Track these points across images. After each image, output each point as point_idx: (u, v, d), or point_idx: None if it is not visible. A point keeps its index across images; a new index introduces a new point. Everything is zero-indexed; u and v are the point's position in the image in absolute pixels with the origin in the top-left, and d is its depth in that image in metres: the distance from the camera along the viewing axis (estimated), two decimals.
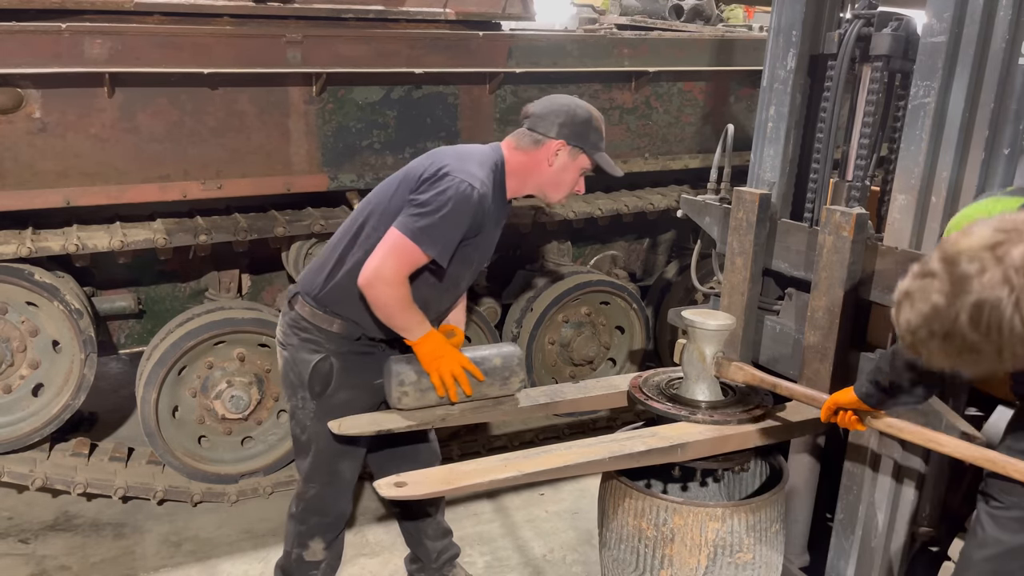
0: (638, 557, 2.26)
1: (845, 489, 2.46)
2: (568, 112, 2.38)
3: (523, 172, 2.41)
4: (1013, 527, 1.87)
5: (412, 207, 2.24)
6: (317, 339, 2.40)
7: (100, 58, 3.00)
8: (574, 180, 2.45)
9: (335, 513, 2.58)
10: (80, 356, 3.27)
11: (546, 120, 2.37)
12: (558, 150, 2.37)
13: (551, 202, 2.52)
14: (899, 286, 1.53)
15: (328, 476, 2.51)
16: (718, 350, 2.39)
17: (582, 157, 2.41)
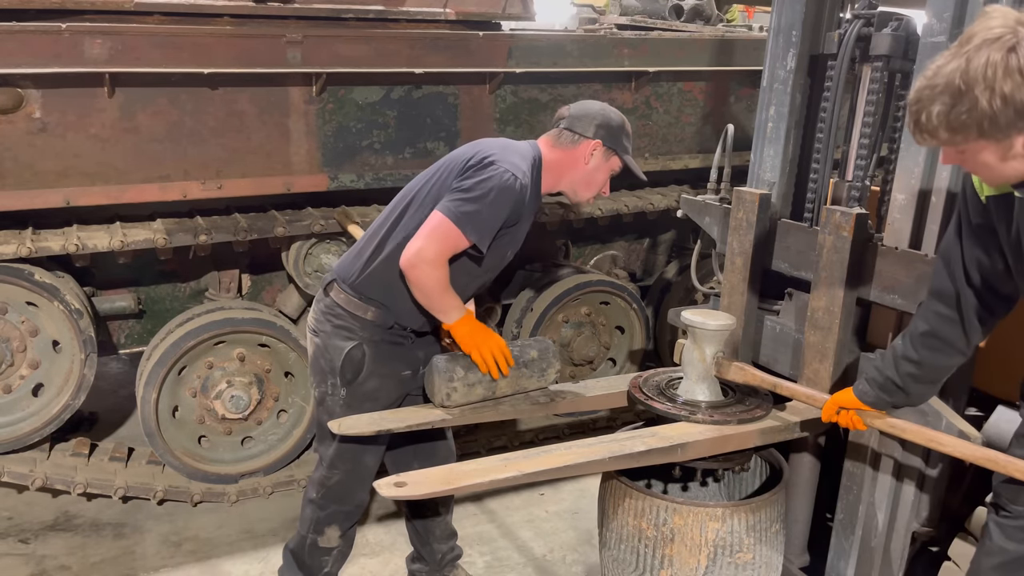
0: (638, 557, 2.26)
1: (845, 489, 2.46)
2: (604, 115, 2.49)
3: (559, 169, 2.50)
4: (1019, 536, 1.87)
5: (457, 192, 2.30)
6: (351, 326, 2.44)
7: (100, 58, 3.00)
8: (604, 180, 2.55)
9: (355, 502, 2.61)
10: (80, 356, 3.27)
11: (583, 121, 2.47)
12: (594, 150, 2.47)
13: (579, 200, 2.60)
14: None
15: (352, 464, 2.54)
16: (718, 350, 2.39)
17: (614, 159, 2.51)
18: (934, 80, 1.48)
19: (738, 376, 2.38)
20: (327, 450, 2.55)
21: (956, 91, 1.45)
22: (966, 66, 1.43)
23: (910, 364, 1.97)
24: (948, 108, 1.46)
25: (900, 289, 2.24)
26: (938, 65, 1.49)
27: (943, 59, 1.49)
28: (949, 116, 1.47)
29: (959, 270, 1.84)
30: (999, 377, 2.33)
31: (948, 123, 1.48)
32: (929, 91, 1.49)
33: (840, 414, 2.12)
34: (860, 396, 2.08)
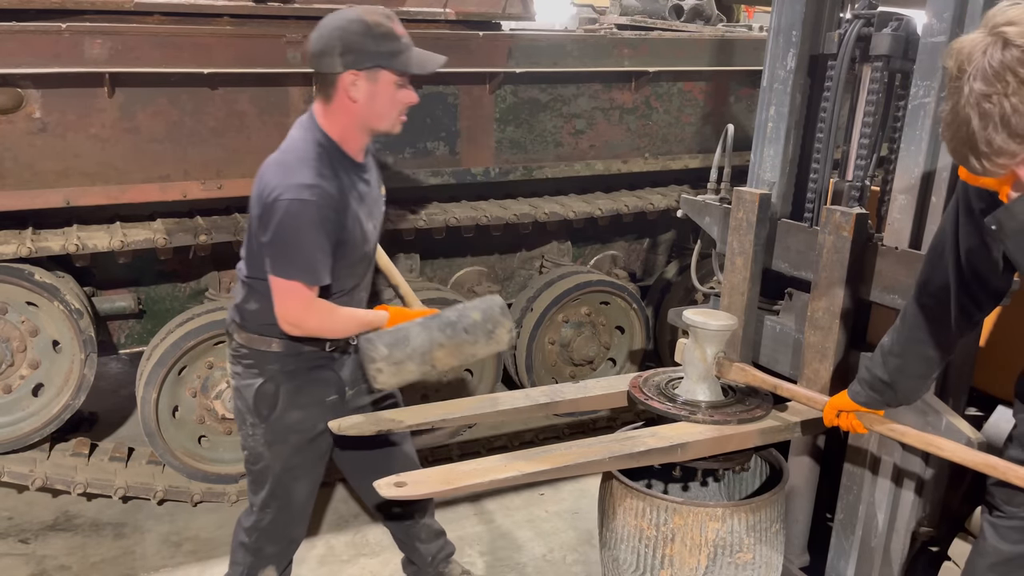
0: (638, 557, 2.26)
1: (845, 489, 2.46)
2: (342, 36, 2.08)
3: (344, 125, 2.16)
4: (1013, 537, 1.87)
5: (267, 249, 2.13)
6: (259, 362, 2.30)
7: (100, 58, 3.00)
8: (392, 100, 2.15)
9: (289, 539, 2.49)
10: (80, 356, 3.27)
11: (326, 56, 2.10)
12: (353, 81, 2.09)
13: (384, 131, 2.21)
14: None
15: (284, 501, 2.41)
16: (719, 350, 2.39)
17: (383, 74, 2.10)
18: (958, 120, 1.46)
19: (739, 376, 2.38)
20: (258, 493, 2.40)
21: (989, 111, 1.42)
22: (980, 87, 1.41)
23: (896, 358, 1.97)
24: (1002, 125, 1.42)
25: (900, 289, 2.24)
26: (949, 110, 1.48)
27: (947, 102, 1.48)
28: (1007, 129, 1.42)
29: (951, 260, 1.83)
30: (999, 377, 2.33)
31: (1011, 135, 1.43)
32: (965, 129, 1.46)
33: (840, 417, 2.12)
34: (853, 397, 2.09)
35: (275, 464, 2.37)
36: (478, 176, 3.83)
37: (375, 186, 2.33)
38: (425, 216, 3.67)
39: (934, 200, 2.23)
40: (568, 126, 3.97)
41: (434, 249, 3.97)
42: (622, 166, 4.16)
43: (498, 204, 3.93)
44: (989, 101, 1.42)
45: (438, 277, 4.08)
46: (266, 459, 2.37)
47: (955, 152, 1.53)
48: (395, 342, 2.15)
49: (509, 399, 2.52)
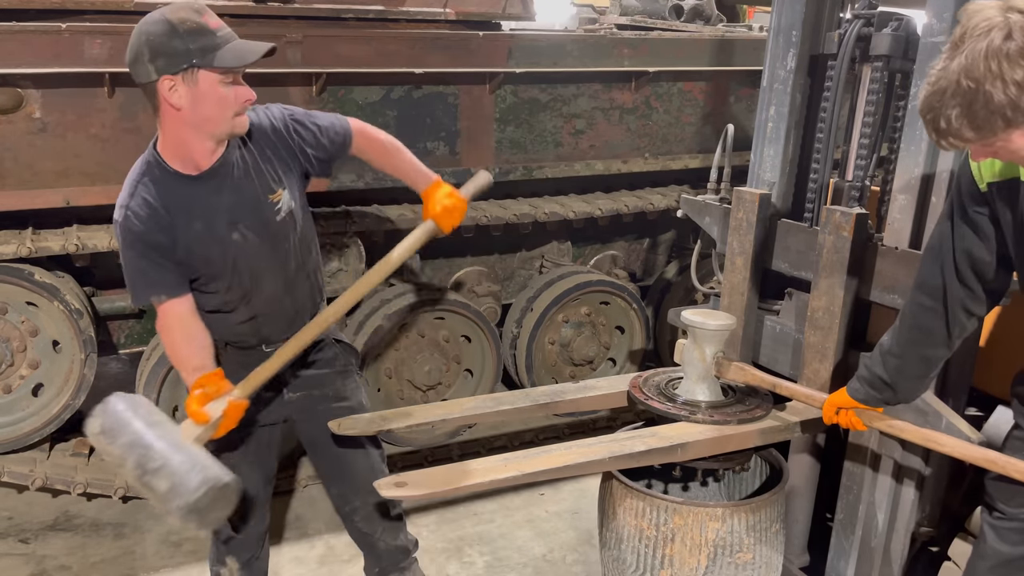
0: (638, 557, 2.26)
1: (845, 489, 2.46)
2: (148, 40, 1.90)
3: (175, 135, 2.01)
4: (1013, 539, 1.87)
5: None
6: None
7: (100, 58, 3.00)
8: (221, 100, 1.96)
9: (243, 529, 2.43)
10: (80, 356, 3.27)
11: (137, 64, 1.93)
12: (171, 87, 1.92)
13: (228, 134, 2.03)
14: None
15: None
16: (718, 350, 2.39)
17: (201, 73, 1.92)
18: (939, 84, 1.47)
19: (738, 376, 2.38)
20: None
21: (966, 91, 1.43)
22: (968, 63, 1.42)
23: (894, 358, 1.97)
24: (964, 109, 1.45)
25: (900, 289, 2.24)
26: (939, 69, 1.48)
27: (941, 62, 1.48)
28: (968, 116, 1.45)
29: (948, 262, 1.83)
30: (999, 377, 2.33)
31: (970, 122, 1.46)
32: (938, 97, 1.47)
33: (839, 414, 2.12)
34: (852, 394, 2.09)
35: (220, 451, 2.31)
36: None
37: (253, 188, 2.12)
38: None
39: (934, 200, 2.23)
40: (568, 126, 3.97)
41: (434, 249, 3.97)
42: (622, 166, 4.16)
43: (498, 204, 3.93)
44: (968, 79, 1.43)
45: (438, 277, 4.08)
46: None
47: (920, 109, 1.54)
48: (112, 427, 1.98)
49: (509, 399, 2.52)
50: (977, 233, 1.78)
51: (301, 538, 3.33)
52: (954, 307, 1.85)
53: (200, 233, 2.09)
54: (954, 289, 1.83)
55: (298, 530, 3.40)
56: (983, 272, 1.80)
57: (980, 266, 1.80)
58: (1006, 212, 1.72)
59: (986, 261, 1.79)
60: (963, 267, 1.81)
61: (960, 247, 1.81)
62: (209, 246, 2.10)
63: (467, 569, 3.16)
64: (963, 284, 1.83)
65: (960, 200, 1.80)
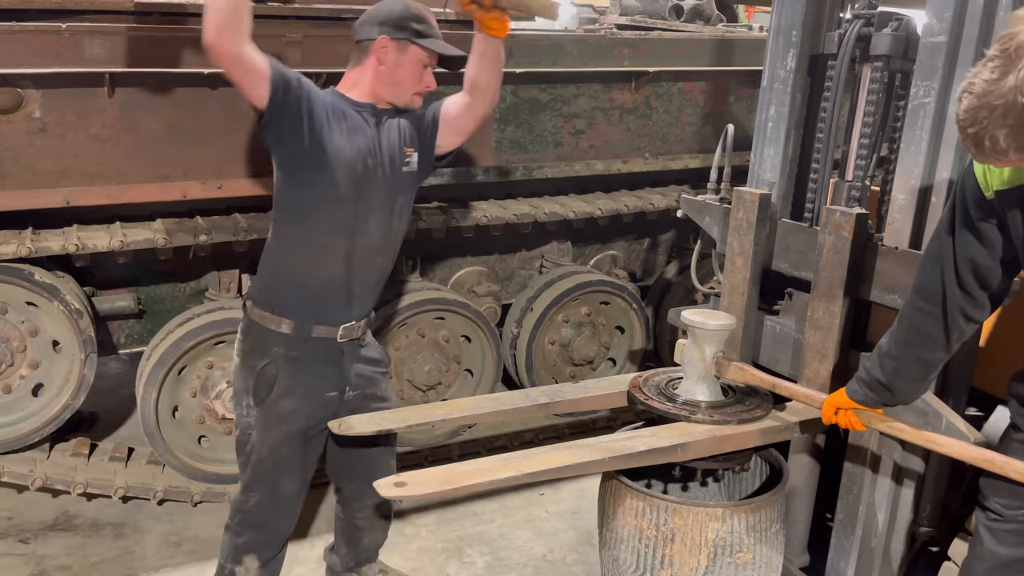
0: (638, 557, 2.26)
1: (845, 489, 2.46)
2: (382, 10, 2.36)
3: (362, 82, 2.37)
4: (1010, 540, 1.87)
5: None
6: (265, 342, 2.34)
7: (100, 58, 3.00)
8: (414, 75, 2.38)
9: (273, 529, 2.48)
10: (80, 356, 3.27)
11: (365, 26, 2.36)
12: (384, 46, 2.33)
13: (401, 103, 2.42)
14: (960, 85, 1.49)
15: (269, 487, 2.42)
16: (718, 350, 2.39)
17: (412, 48, 2.35)
18: (989, 100, 1.40)
19: (738, 376, 2.38)
20: (244, 473, 2.43)
21: (1021, 110, 1.38)
22: (1022, 82, 1.37)
23: (892, 361, 1.97)
24: (1015, 129, 1.40)
25: (900, 289, 2.24)
26: (987, 80, 1.41)
27: (991, 72, 1.41)
28: (1017, 136, 1.40)
29: (949, 267, 1.82)
30: (999, 377, 2.33)
31: (1018, 143, 1.41)
32: (987, 112, 1.41)
33: (839, 414, 2.12)
34: (851, 395, 2.09)
35: (262, 448, 2.38)
36: (478, 176, 3.83)
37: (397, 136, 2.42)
38: (425, 216, 3.66)
39: (934, 200, 2.23)
40: (568, 126, 3.97)
41: (434, 249, 3.97)
42: (622, 166, 4.16)
43: (498, 204, 3.93)
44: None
45: (438, 277, 4.08)
46: (254, 441, 2.38)
47: (961, 120, 1.47)
48: None
49: (509, 399, 2.52)
50: (981, 240, 1.76)
51: (301, 538, 3.33)
52: (953, 312, 1.84)
53: (343, 138, 2.30)
54: (954, 294, 1.83)
55: (298, 530, 3.38)
56: (986, 278, 1.80)
57: (983, 272, 1.79)
58: (1016, 219, 1.70)
59: (989, 267, 1.78)
60: (964, 273, 1.80)
61: (963, 254, 1.79)
62: (343, 150, 2.29)
63: (467, 569, 3.16)
64: (963, 290, 1.82)
65: (964, 207, 1.78)
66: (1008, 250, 1.75)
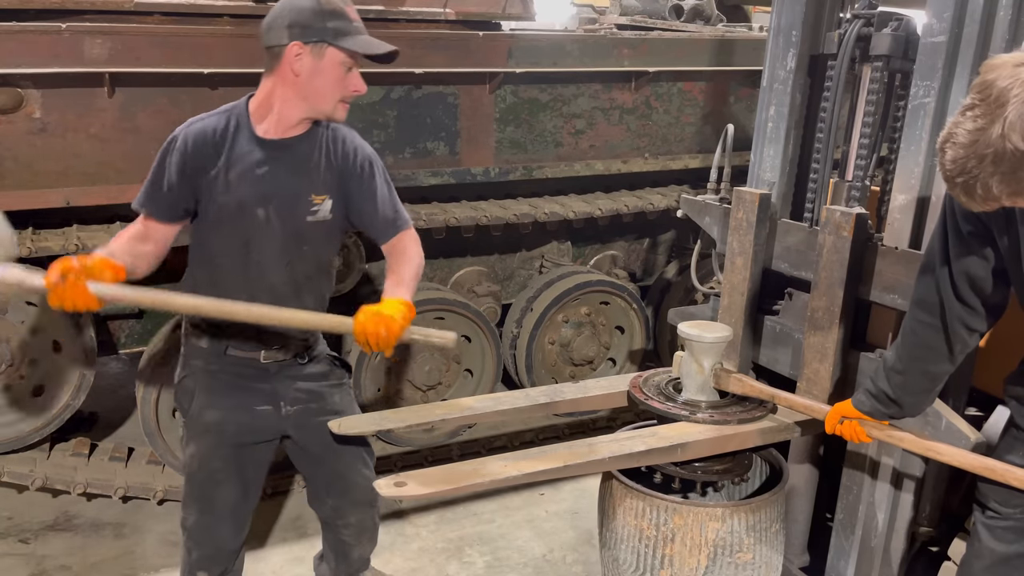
0: (638, 557, 2.26)
1: (845, 489, 2.46)
2: (291, 8, 2.07)
3: (276, 96, 2.12)
4: (1008, 537, 1.87)
5: None
6: (189, 355, 2.31)
7: (100, 58, 3.00)
8: (336, 82, 2.12)
9: (215, 545, 2.38)
10: (80, 356, 3.27)
11: (274, 29, 2.07)
12: (297, 53, 2.06)
13: (328, 115, 2.17)
14: (940, 136, 1.49)
15: (204, 503, 2.34)
16: (716, 362, 2.39)
17: (329, 51, 2.08)
18: (977, 149, 1.40)
19: (737, 388, 2.38)
20: (184, 486, 2.37)
21: (1011, 156, 1.38)
22: (1011, 126, 1.37)
23: (899, 375, 1.97)
24: (1007, 175, 1.40)
25: (900, 289, 2.24)
26: (971, 130, 1.41)
27: (973, 122, 1.41)
28: (1010, 182, 1.41)
29: (945, 280, 1.82)
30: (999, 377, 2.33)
31: (1011, 188, 1.42)
32: (976, 161, 1.41)
33: (843, 425, 2.11)
34: (858, 406, 2.08)
35: (192, 463, 2.33)
36: (478, 176, 3.83)
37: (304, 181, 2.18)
38: (425, 216, 3.67)
39: (934, 200, 2.22)
40: (568, 126, 3.97)
41: (434, 249, 3.97)
42: (622, 166, 4.16)
43: (498, 204, 3.93)
44: (1013, 143, 1.37)
45: (438, 277, 4.08)
46: (187, 455, 2.34)
47: (948, 171, 1.47)
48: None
49: (509, 399, 2.52)
50: (973, 252, 1.76)
51: (301, 538, 3.33)
52: (953, 323, 1.84)
53: (233, 187, 2.14)
54: (952, 306, 1.82)
55: (298, 530, 3.40)
56: (982, 288, 1.80)
57: (978, 283, 1.79)
58: (1002, 234, 1.71)
59: (983, 277, 1.78)
60: (960, 284, 1.80)
61: (957, 266, 1.79)
62: (233, 203, 2.14)
63: (467, 569, 3.16)
64: (961, 301, 1.82)
65: (954, 219, 1.78)
66: (999, 260, 1.75)
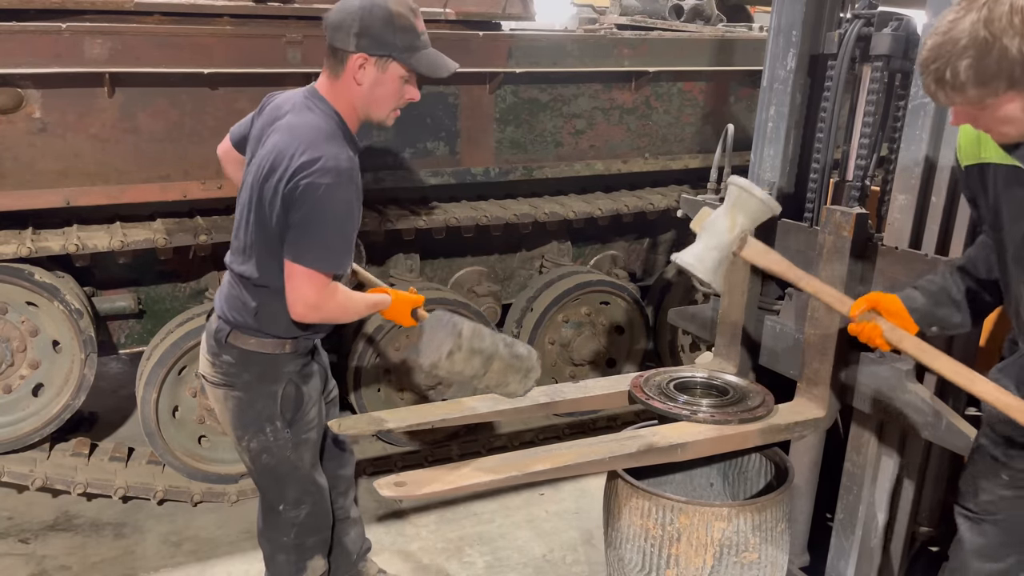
0: (644, 556, 2.26)
1: (845, 489, 2.46)
2: (362, 16, 2.02)
3: (347, 104, 2.14)
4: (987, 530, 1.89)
5: (294, 233, 2.02)
6: (273, 368, 2.24)
7: (100, 58, 3.00)
8: (395, 93, 2.12)
9: (328, 524, 2.51)
10: (80, 356, 3.27)
11: (341, 31, 2.05)
12: (361, 64, 2.06)
13: (378, 121, 2.20)
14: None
15: (317, 494, 2.44)
16: (750, 227, 2.11)
17: (393, 66, 2.07)
18: (953, 35, 1.45)
19: (759, 258, 2.09)
20: (287, 491, 2.38)
21: (982, 42, 1.41)
22: (988, 15, 1.41)
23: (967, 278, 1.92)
24: (976, 61, 1.43)
25: (900, 289, 2.23)
26: (952, 20, 1.46)
27: (955, 13, 1.46)
28: (978, 69, 1.43)
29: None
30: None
31: (977, 76, 1.44)
32: (950, 46, 1.45)
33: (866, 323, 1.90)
34: (907, 301, 1.93)
35: (303, 463, 2.36)
36: (478, 176, 3.83)
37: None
38: (425, 216, 3.67)
39: (934, 200, 2.23)
40: (568, 126, 3.97)
41: (434, 249, 3.97)
42: (622, 166, 4.16)
43: (498, 204, 3.93)
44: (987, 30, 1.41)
45: (438, 277, 4.08)
46: (292, 460, 2.34)
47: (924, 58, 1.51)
48: (475, 331, 2.02)
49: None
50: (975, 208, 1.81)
51: None
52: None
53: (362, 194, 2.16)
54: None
55: None
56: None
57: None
58: (979, 194, 1.75)
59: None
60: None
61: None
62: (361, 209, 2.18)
63: (467, 569, 3.16)
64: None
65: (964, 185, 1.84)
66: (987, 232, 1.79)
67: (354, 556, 2.72)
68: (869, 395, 2.30)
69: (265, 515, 2.44)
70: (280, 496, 2.38)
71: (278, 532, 2.43)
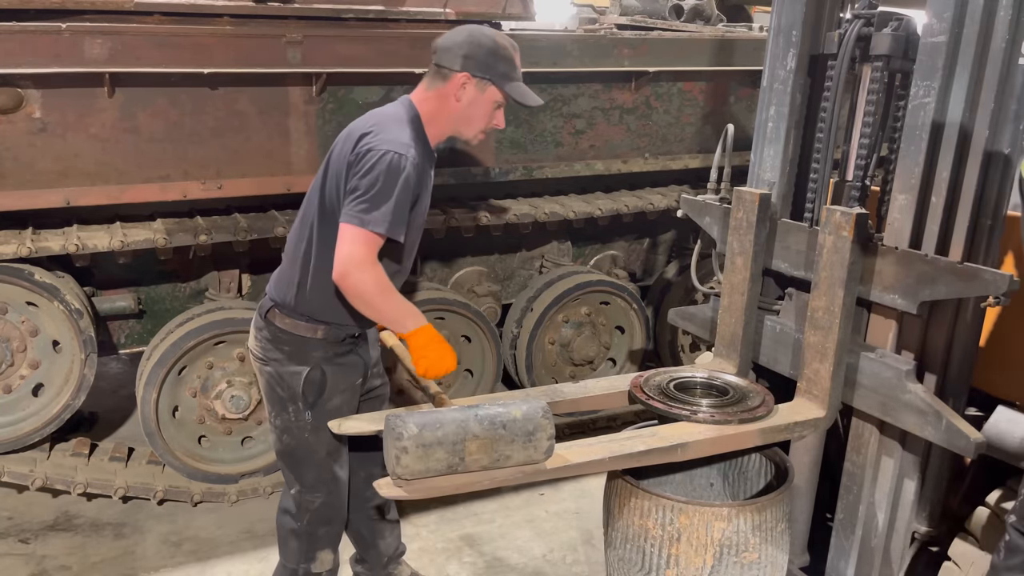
0: (644, 556, 2.25)
1: (845, 489, 2.46)
2: (472, 41, 2.27)
3: (438, 115, 2.33)
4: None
5: (352, 196, 2.17)
6: (304, 349, 2.33)
7: (100, 58, 3.00)
8: (487, 115, 2.35)
9: (340, 518, 2.55)
10: (80, 356, 3.27)
11: (450, 53, 2.28)
12: (464, 83, 2.28)
13: (465, 138, 2.40)
14: None
15: (332, 484, 2.48)
16: None
17: (491, 89, 2.30)
18: None
19: None
20: (304, 474, 2.44)
21: None
22: None
23: None
24: None
25: (900, 289, 2.24)
26: None
27: None
28: None
29: None
30: (999, 377, 2.34)
31: None
32: None
33: None
34: None
35: (320, 449, 2.42)
36: (478, 176, 3.83)
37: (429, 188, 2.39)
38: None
39: (934, 200, 2.23)
40: (568, 126, 3.97)
41: (434, 249, 3.97)
42: (622, 166, 4.16)
43: (498, 204, 3.93)
44: None
45: (438, 277, 4.08)
46: (310, 444, 2.40)
47: None
48: (426, 423, 1.89)
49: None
50: None
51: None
52: None
53: (424, 200, 2.34)
54: None
55: None
56: None
57: None
58: None
59: None
60: None
61: None
62: (423, 203, 2.33)
63: (467, 569, 3.17)
64: None
65: None
66: None
67: (385, 558, 2.76)
68: (869, 395, 2.30)
69: (284, 495, 2.54)
70: (298, 477, 2.46)
71: (291, 516, 2.50)
